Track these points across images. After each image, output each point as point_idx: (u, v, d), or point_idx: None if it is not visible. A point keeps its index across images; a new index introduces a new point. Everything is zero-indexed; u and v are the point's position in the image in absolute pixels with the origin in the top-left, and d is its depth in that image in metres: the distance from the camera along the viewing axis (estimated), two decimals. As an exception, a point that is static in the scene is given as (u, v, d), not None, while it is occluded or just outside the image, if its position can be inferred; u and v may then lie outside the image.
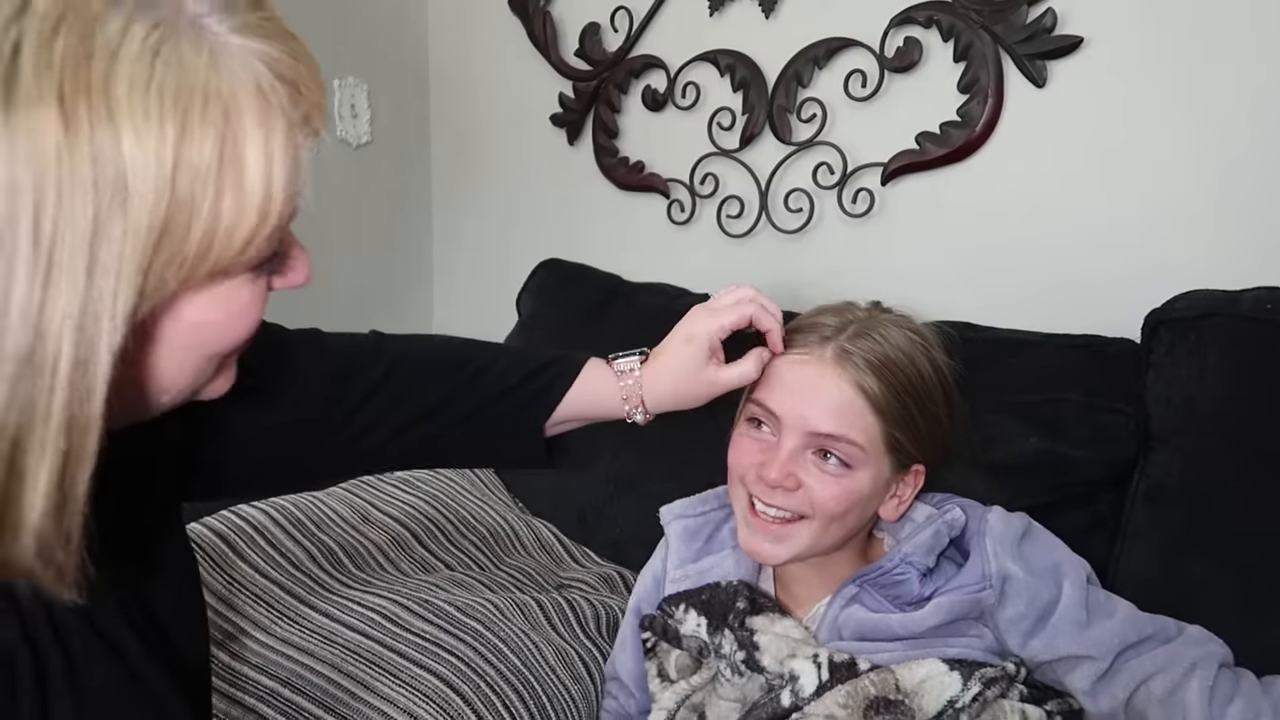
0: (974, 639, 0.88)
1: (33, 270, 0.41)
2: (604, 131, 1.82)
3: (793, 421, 0.87)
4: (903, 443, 0.89)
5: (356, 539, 1.25)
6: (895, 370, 0.87)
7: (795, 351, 0.90)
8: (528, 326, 1.73)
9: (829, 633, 0.91)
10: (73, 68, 0.41)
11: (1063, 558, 0.91)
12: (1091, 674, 0.86)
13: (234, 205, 0.46)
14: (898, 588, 0.90)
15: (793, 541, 0.89)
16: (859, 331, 0.89)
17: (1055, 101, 1.35)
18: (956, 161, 1.44)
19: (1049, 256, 1.38)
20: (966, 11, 1.39)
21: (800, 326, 0.93)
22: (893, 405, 0.87)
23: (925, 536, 0.90)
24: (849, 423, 0.86)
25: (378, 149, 2.05)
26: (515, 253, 1.93)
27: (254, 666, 1.03)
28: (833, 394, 0.86)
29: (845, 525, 0.90)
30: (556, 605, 1.18)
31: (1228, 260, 1.23)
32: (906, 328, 0.91)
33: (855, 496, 0.88)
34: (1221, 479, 1.05)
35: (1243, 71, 1.21)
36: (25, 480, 0.43)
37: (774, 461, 0.87)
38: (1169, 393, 1.11)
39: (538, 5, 1.87)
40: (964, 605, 0.87)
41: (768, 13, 1.60)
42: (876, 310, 0.94)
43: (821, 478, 0.87)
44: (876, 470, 0.88)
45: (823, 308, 0.95)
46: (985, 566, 0.88)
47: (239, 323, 0.52)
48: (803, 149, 1.58)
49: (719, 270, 1.68)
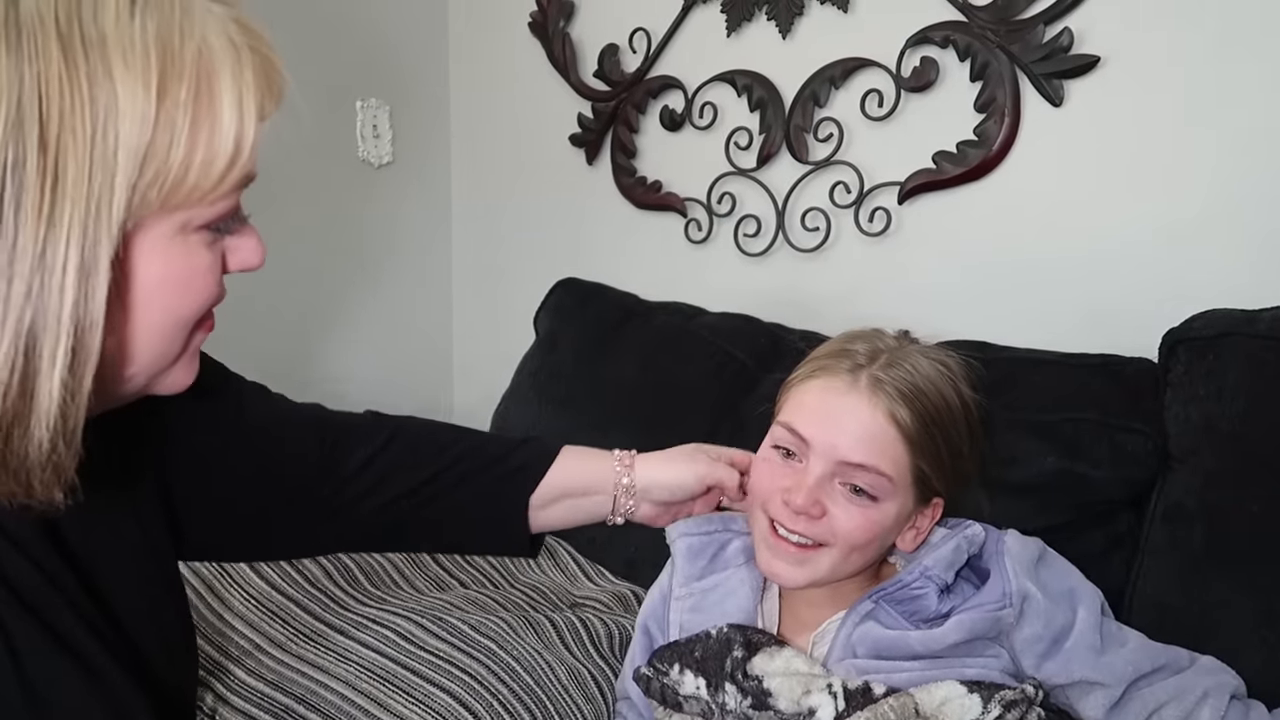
0: (991, 659, 0.87)
1: (41, 179, 0.47)
2: (622, 151, 1.84)
3: (822, 449, 0.86)
4: (928, 476, 0.88)
5: (373, 557, 1.26)
6: (925, 401, 0.86)
7: (825, 377, 0.88)
8: (545, 345, 1.74)
9: (843, 650, 0.89)
10: (65, 3, 0.48)
11: (1077, 583, 0.90)
12: (1104, 702, 0.85)
13: (209, 138, 0.53)
14: (915, 603, 0.89)
15: (813, 567, 0.87)
16: (891, 361, 0.87)
17: (1072, 120, 1.35)
18: (973, 181, 1.44)
19: (1066, 275, 1.38)
20: (983, 31, 1.39)
21: (830, 352, 0.91)
22: (922, 437, 0.86)
23: (946, 551, 0.89)
24: (880, 453, 0.85)
25: (399, 169, 2.07)
26: (533, 271, 1.94)
27: (269, 683, 1.04)
28: (865, 423, 0.85)
29: (865, 556, 0.89)
30: (570, 624, 1.18)
31: (1246, 279, 1.22)
32: (935, 359, 0.90)
33: (878, 529, 0.87)
34: (1241, 499, 1.04)
35: (1260, 90, 1.21)
36: (42, 370, 0.49)
37: (800, 488, 0.86)
38: (1187, 412, 1.10)
39: (557, 27, 1.89)
40: (984, 624, 0.86)
41: (785, 33, 1.61)
42: (905, 340, 0.93)
43: (847, 508, 0.86)
44: (901, 503, 0.87)
45: (851, 334, 0.94)
46: (1006, 585, 0.86)
47: (198, 284, 0.57)
48: (819, 168, 1.59)
49: (736, 289, 1.69)
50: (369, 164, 2.02)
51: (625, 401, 1.54)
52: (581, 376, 1.63)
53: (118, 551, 0.67)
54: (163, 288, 0.55)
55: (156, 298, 0.55)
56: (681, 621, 0.97)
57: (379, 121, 2.01)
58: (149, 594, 0.69)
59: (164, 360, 0.58)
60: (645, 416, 1.51)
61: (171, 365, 0.59)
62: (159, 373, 0.59)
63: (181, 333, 0.58)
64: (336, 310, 2.00)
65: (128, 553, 0.68)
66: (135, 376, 0.57)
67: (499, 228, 2.10)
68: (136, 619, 0.65)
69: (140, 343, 0.55)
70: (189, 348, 0.60)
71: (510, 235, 2.08)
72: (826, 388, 0.88)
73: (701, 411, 1.47)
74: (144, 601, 0.68)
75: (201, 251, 0.57)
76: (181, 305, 0.56)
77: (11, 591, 0.58)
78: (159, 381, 0.60)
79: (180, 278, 0.55)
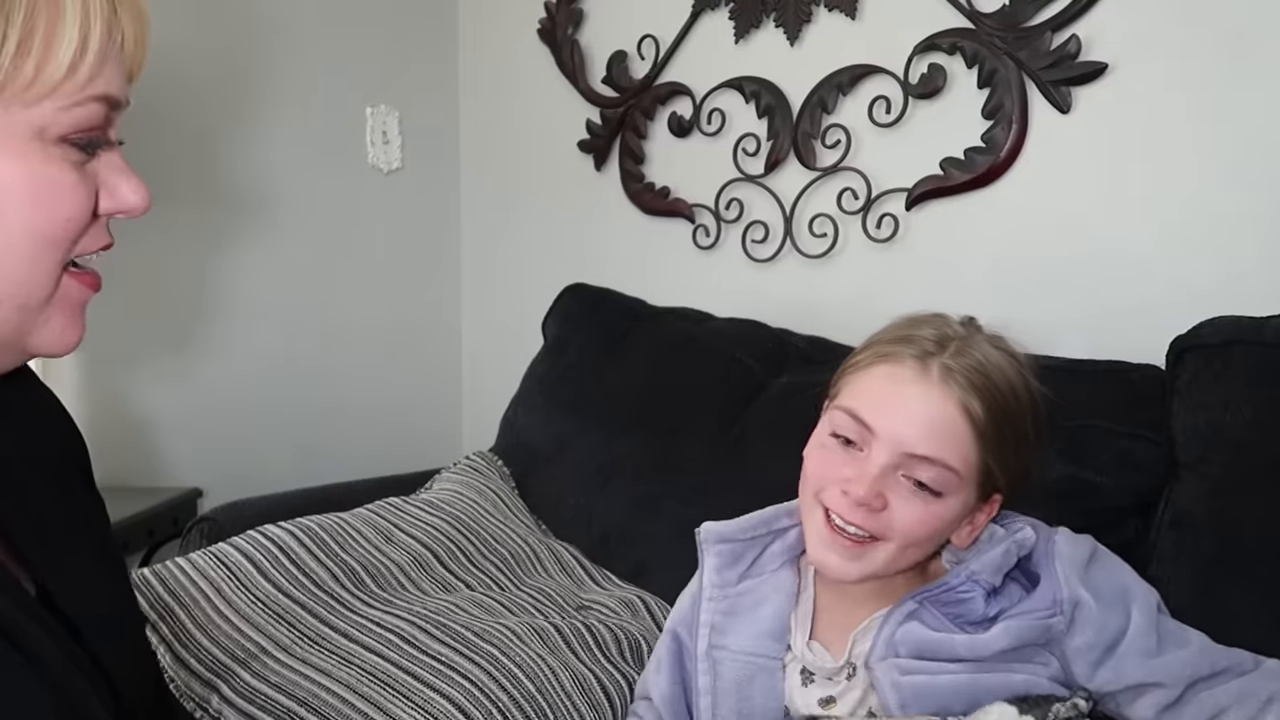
0: (1039, 666, 0.83)
1: None
2: (630, 157, 1.84)
3: (888, 439, 0.82)
4: (993, 471, 0.83)
5: (379, 559, 1.26)
6: (997, 395, 0.82)
7: (891, 364, 0.84)
8: (554, 350, 1.74)
9: (884, 648, 0.85)
10: None
11: (1131, 583, 0.86)
12: (1158, 702, 0.81)
13: (49, 26, 0.52)
14: (961, 606, 0.85)
15: (868, 561, 0.83)
16: (961, 349, 0.83)
17: (1080, 127, 1.35)
18: (981, 187, 1.44)
19: (1073, 282, 1.38)
20: (991, 38, 1.39)
21: (894, 338, 0.87)
22: (991, 430, 0.82)
23: (995, 555, 0.85)
24: (949, 446, 0.81)
25: (408, 175, 2.08)
26: (542, 276, 1.95)
27: (273, 685, 1.04)
28: (936, 414, 0.81)
29: (922, 551, 0.85)
30: (576, 630, 1.18)
31: (1254, 285, 1.21)
32: (1004, 349, 0.86)
33: (939, 524, 0.83)
34: (1249, 506, 1.03)
35: (1267, 96, 1.21)
36: None
37: (862, 479, 0.81)
38: (1195, 420, 1.09)
39: (566, 34, 1.90)
40: (1033, 631, 0.82)
41: (793, 40, 1.61)
42: (973, 327, 0.88)
43: (909, 501, 0.82)
44: (965, 499, 0.83)
45: (914, 319, 0.89)
46: (1057, 592, 0.82)
47: (59, 200, 0.55)
48: (827, 174, 1.59)
49: (744, 295, 1.69)
50: (378, 169, 2.03)
51: (633, 406, 1.55)
52: (590, 381, 1.63)
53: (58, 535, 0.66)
54: (19, 195, 0.54)
55: (14, 206, 0.53)
56: (713, 623, 0.94)
57: (389, 127, 2.02)
58: (89, 576, 0.67)
59: (29, 289, 0.56)
60: (653, 421, 1.51)
61: (45, 306, 0.57)
62: (32, 311, 0.57)
63: (47, 255, 0.56)
64: (346, 315, 2.01)
65: (68, 536, 0.67)
66: (1, 303, 0.55)
67: (507, 233, 2.11)
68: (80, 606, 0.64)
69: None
70: (61, 292, 0.58)
71: (519, 240, 2.09)
72: (893, 375, 0.83)
73: (709, 416, 1.47)
74: (87, 586, 0.66)
75: (64, 167, 0.55)
76: (39, 218, 0.55)
77: None
78: (36, 329, 0.58)
79: (38, 186, 0.54)
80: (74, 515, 0.70)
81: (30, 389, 0.71)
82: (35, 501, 0.65)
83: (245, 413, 1.86)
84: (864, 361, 0.87)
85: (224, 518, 1.41)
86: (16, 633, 0.55)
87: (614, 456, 1.52)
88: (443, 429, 2.20)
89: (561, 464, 1.57)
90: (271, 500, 1.47)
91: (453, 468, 1.58)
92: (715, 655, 0.94)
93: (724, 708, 0.93)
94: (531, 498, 1.58)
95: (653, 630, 1.26)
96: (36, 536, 0.63)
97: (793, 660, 0.91)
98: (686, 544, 1.38)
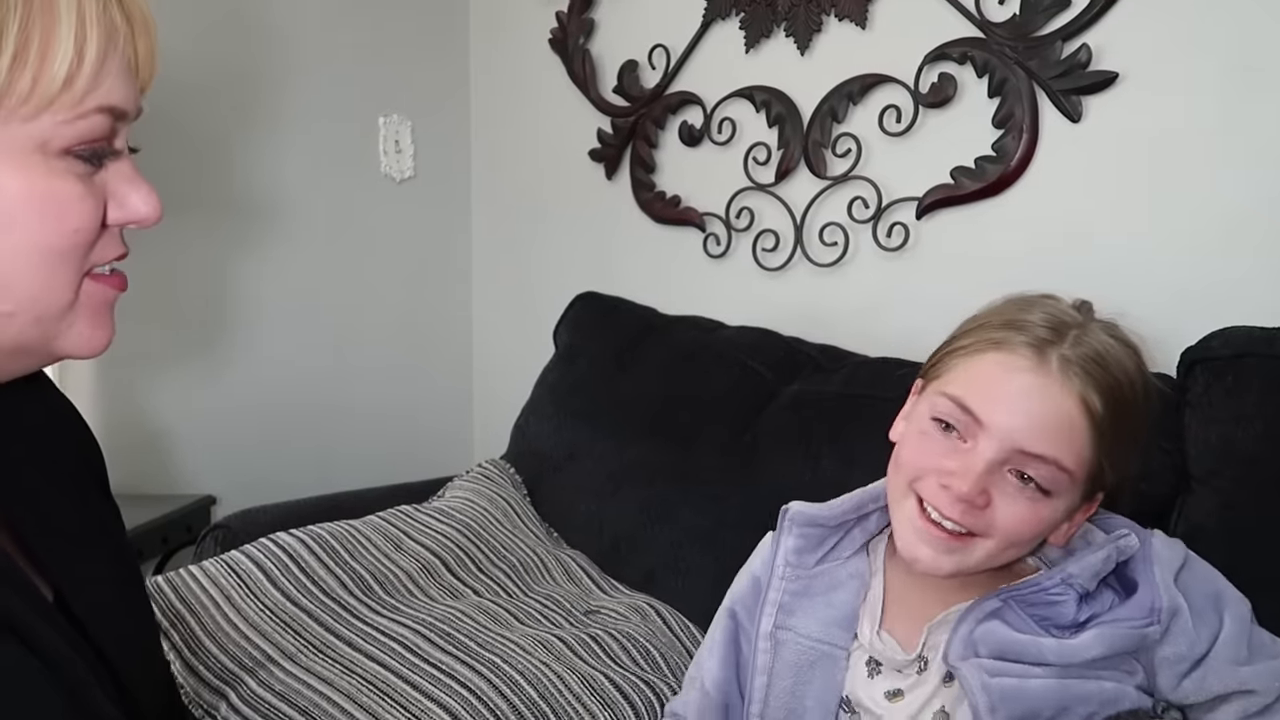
0: (1125, 674, 0.79)
1: None
2: (641, 166, 1.85)
3: (1000, 433, 0.76)
4: (1105, 470, 0.78)
5: (388, 566, 1.26)
6: (1116, 387, 0.77)
7: (1003, 352, 0.78)
8: (565, 358, 1.74)
9: (963, 647, 0.80)
10: None
11: (1224, 588, 0.81)
12: (1244, 709, 0.77)
13: (45, 38, 0.52)
14: (1050, 609, 0.80)
15: (963, 556, 0.78)
16: (1079, 338, 0.78)
17: (1090, 136, 1.35)
18: (992, 196, 1.44)
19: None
20: (1001, 48, 1.39)
21: (1002, 323, 0.81)
22: (1110, 428, 0.76)
23: (1096, 560, 0.80)
24: (1065, 445, 0.76)
25: (420, 183, 2.09)
26: (553, 285, 1.95)
27: (278, 694, 1.05)
28: (1053, 410, 0.76)
29: (1021, 551, 0.80)
30: (581, 640, 1.18)
31: (1265, 295, 1.21)
32: (1119, 337, 0.80)
33: (1044, 525, 0.78)
34: (1262, 521, 1.03)
35: (1277, 105, 1.20)
36: None
37: (968, 473, 0.76)
38: (1206, 433, 1.09)
39: (577, 43, 1.91)
40: (1128, 640, 0.78)
41: (803, 50, 1.61)
42: (1089, 313, 0.82)
43: (1015, 499, 0.76)
44: (1073, 499, 0.78)
45: (1022, 300, 0.83)
46: (1156, 599, 0.78)
47: (66, 212, 0.55)
48: (837, 183, 1.59)
49: (754, 303, 1.69)
50: (391, 179, 2.04)
51: (644, 414, 1.55)
52: (601, 389, 1.64)
53: (71, 539, 0.66)
54: (24, 209, 0.54)
55: (19, 220, 0.54)
56: (781, 602, 0.89)
57: (401, 136, 2.04)
58: (103, 581, 0.68)
59: (46, 301, 0.56)
60: (664, 429, 1.51)
61: (68, 313, 0.57)
62: (52, 320, 0.57)
63: (60, 267, 0.56)
64: (358, 322, 2.02)
65: (81, 541, 0.67)
66: (16, 315, 0.55)
67: (519, 242, 2.12)
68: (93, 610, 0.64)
69: (9, 272, 0.54)
70: (82, 297, 0.58)
71: (530, 249, 2.10)
72: (1006, 364, 0.78)
73: (720, 424, 1.47)
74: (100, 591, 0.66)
75: (69, 179, 0.55)
76: (46, 231, 0.55)
77: None
78: (60, 335, 0.58)
79: (42, 200, 0.54)
80: (89, 522, 0.71)
81: (47, 397, 0.72)
82: (51, 508, 0.66)
83: (258, 420, 1.87)
84: (970, 347, 0.81)
85: (238, 525, 1.42)
86: (34, 638, 0.55)
87: (625, 464, 1.52)
88: (454, 437, 2.21)
89: (573, 471, 1.58)
90: (285, 508, 1.48)
91: (465, 475, 1.58)
92: (780, 636, 0.89)
93: (778, 689, 0.89)
94: (543, 505, 1.58)
95: (664, 634, 1.26)
96: (52, 542, 0.64)
97: (858, 649, 0.87)
98: (697, 551, 1.39)
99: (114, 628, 0.66)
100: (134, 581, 0.74)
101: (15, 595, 0.56)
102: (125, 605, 0.71)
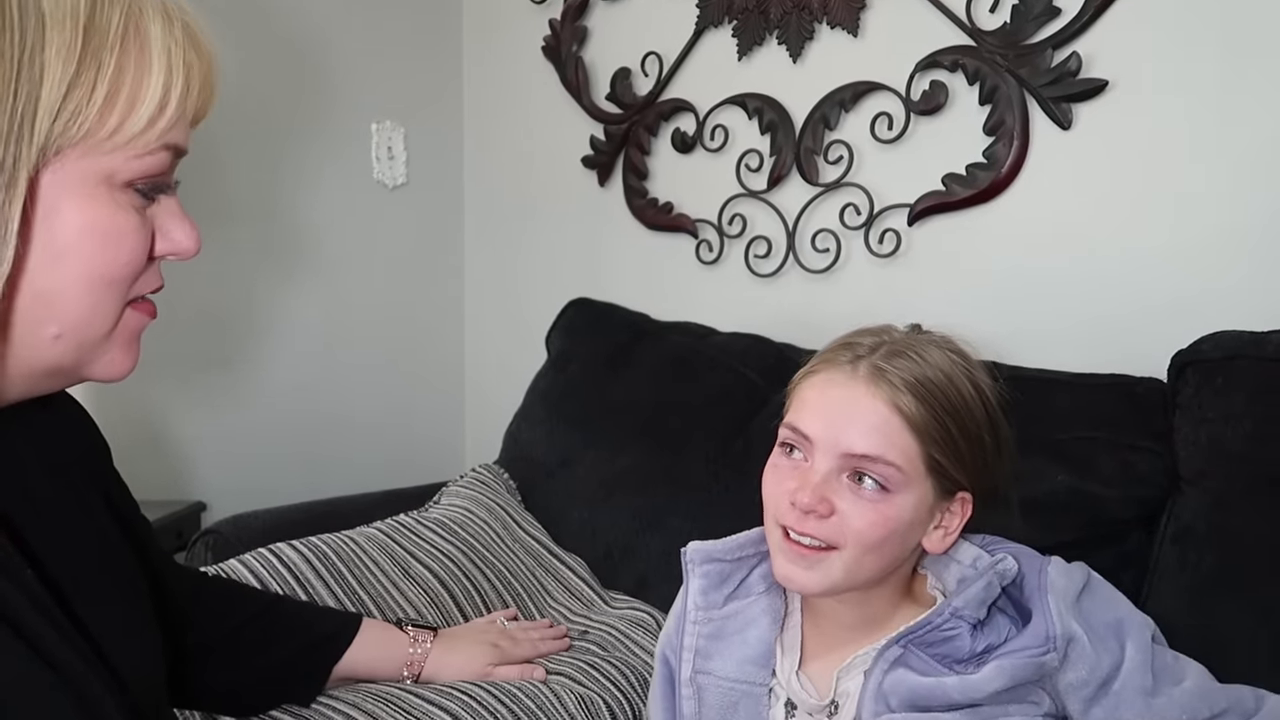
0: (1032, 704, 0.82)
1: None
2: (634, 173, 1.85)
3: (826, 443, 0.82)
4: (945, 466, 0.82)
5: (396, 598, 1.25)
6: (933, 389, 0.82)
7: (827, 371, 0.85)
8: (557, 365, 1.75)
9: (874, 702, 0.83)
10: None
11: (1125, 614, 0.84)
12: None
13: (135, 81, 0.54)
14: (947, 644, 0.83)
15: (825, 569, 0.82)
16: (894, 351, 0.84)
17: (1081, 143, 1.36)
18: (983, 203, 1.45)
19: (1075, 297, 1.39)
20: (992, 56, 1.40)
21: (833, 347, 0.89)
22: (931, 425, 0.81)
23: (977, 590, 0.84)
24: (885, 442, 0.81)
25: (413, 190, 2.09)
26: (545, 291, 1.96)
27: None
28: (867, 411, 0.81)
29: (883, 556, 0.83)
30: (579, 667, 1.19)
31: (1254, 298, 1.22)
32: (947, 348, 0.86)
33: (893, 524, 0.82)
34: (1252, 522, 1.04)
35: (1268, 111, 1.22)
36: None
37: (806, 486, 0.81)
38: (1197, 434, 1.10)
39: (570, 50, 1.91)
40: (1026, 670, 0.80)
41: (795, 57, 1.63)
42: (915, 332, 0.89)
43: (857, 503, 0.81)
44: (918, 495, 0.82)
45: (859, 330, 0.90)
46: (1050, 628, 0.81)
47: (122, 243, 0.57)
48: (830, 190, 1.60)
49: (747, 309, 1.70)
50: (383, 185, 2.04)
51: (636, 420, 1.55)
52: (593, 396, 1.64)
53: (72, 543, 0.67)
54: (84, 238, 0.55)
55: (77, 248, 0.55)
56: (697, 647, 0.92)
57: (394, 143, 2.04)
58: (103, 584, 0.68)
59: (91, 327, 0.58)
60: (656, 435, 1.52)
61: (105, 340, 0.59)
62: (90, 346, 0.58)
63: (107, 296, 0.58)
64: (350, 328, 2.01)
65: (82, 545, 0.68)
66: (62, 339, 0.57)
67: (512, 248, 2.12)
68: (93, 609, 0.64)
69: (61, 298, 0.55)
70: (121, 324, 0.60)
71: (523, 256, 2.10)
72: (828, 381, 0.85)
73: (712, 430, 1.48)
74: (100, 591, 0.67)
75: (127, 211, 0.57)
76: (103, 261, 0.56)
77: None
78: (94, 360, 0.59)
79: (102, 231, 0.56)
80: (91, 523, 0.71)
81: (60, 403, 0.72)
82: (52, 508, 0.66)
83: (248, 425, 1.86)
84: (803, 373, 0.89)
85: (230, 530, 1.41)
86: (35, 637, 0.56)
87: (617, 471, 1.52)
88: (446, 442, 2.21)
89: (565, 478, 1.58)
90: (277, 513, 1.47)
91: (459, 480, 1.57)
92: (700, 681, 0.92)
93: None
94: (536, 511, 1.58)
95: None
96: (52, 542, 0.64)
97: (778, 686, 0.90)
98: (689, 558, 1.39)
99: (118, 632, 0.66)
100: (135, 588, 0.74)
101: (15, 591, 0.56)
102: (126, 611, 0.71)
